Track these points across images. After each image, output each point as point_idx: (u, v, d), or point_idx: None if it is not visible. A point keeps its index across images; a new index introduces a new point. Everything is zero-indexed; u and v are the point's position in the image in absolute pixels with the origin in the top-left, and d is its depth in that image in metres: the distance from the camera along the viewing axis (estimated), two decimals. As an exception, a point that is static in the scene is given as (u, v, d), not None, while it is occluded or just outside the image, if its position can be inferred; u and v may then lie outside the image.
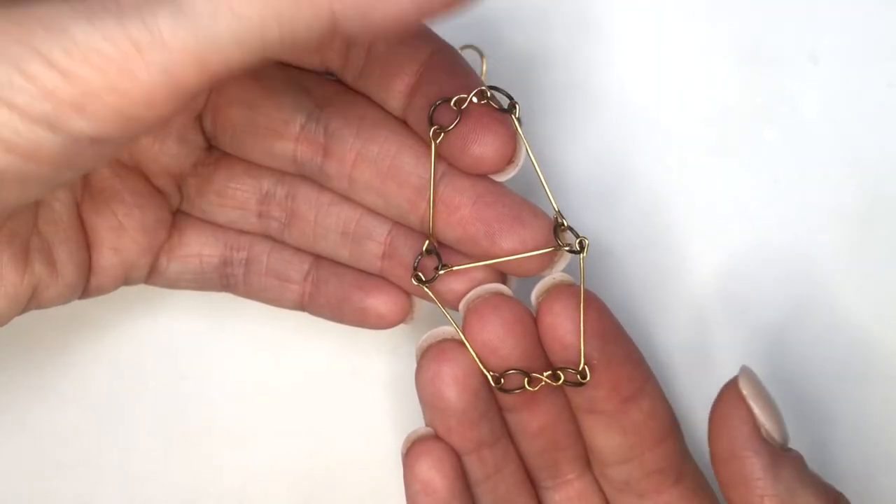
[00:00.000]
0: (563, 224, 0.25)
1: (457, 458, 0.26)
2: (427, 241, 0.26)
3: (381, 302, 0.27)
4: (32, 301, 0.25)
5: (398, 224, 0.27)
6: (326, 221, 0.28)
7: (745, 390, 0.23)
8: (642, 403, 0.26)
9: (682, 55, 0.33)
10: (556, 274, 0.26)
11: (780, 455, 0.23)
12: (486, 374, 0.25)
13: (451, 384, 0.25)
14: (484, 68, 0.32)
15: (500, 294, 0.25)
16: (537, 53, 0.33)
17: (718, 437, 0.24)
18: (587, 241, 0.25)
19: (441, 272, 0.26)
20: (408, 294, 0.28)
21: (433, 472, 0.25)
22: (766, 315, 0.32)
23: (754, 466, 0.23)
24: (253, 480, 0.31)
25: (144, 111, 0.18)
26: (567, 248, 0.25)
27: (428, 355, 0.25)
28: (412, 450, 0.26)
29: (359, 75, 0.26)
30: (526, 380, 0.25)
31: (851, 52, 0.33)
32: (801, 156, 0.32)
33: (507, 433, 0.27)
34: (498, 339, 0.25)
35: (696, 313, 0.32)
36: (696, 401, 0.32)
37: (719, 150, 0.32)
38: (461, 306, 0.26)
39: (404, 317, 0.28)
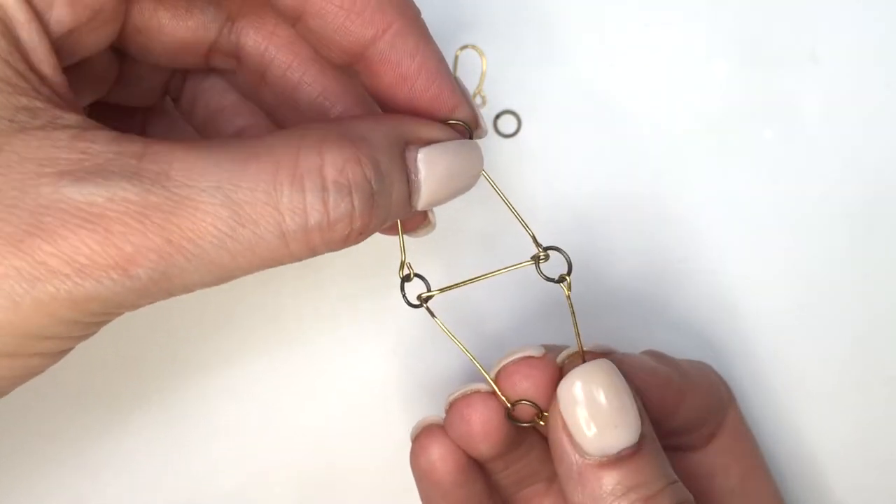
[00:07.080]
0: (541, 249, 0.25)
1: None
2: (404, 266, 0.25)
3: None
4: None
5: None
6: None
7: (564, 398, 0.23)
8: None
9: (683, 56, 0.33)
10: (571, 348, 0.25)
11: (594, 467, 0.23)
12: (506, 403, 0.25)
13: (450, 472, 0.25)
14: (484, 68, 0.32)
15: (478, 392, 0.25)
16: (537, 54, 0.33)
17: (548, 433, 0.24)
18: (568, 279, 0.24)
19: (433, 293, 0.25)
20: None
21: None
22: (765, 314, 0.32)
23: (562, 472, 0.23)
24: (253, 480, 0.31)
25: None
26: (551, 278, 0.25)
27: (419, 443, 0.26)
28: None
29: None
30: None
31: (851, 52, 0.33)
32: (801, 156, 0.32)
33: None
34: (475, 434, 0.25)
35: (695, 313, 0.32)
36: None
37: (719, 151, 0.32)
38: (445, 405, 0.26)
39: None
